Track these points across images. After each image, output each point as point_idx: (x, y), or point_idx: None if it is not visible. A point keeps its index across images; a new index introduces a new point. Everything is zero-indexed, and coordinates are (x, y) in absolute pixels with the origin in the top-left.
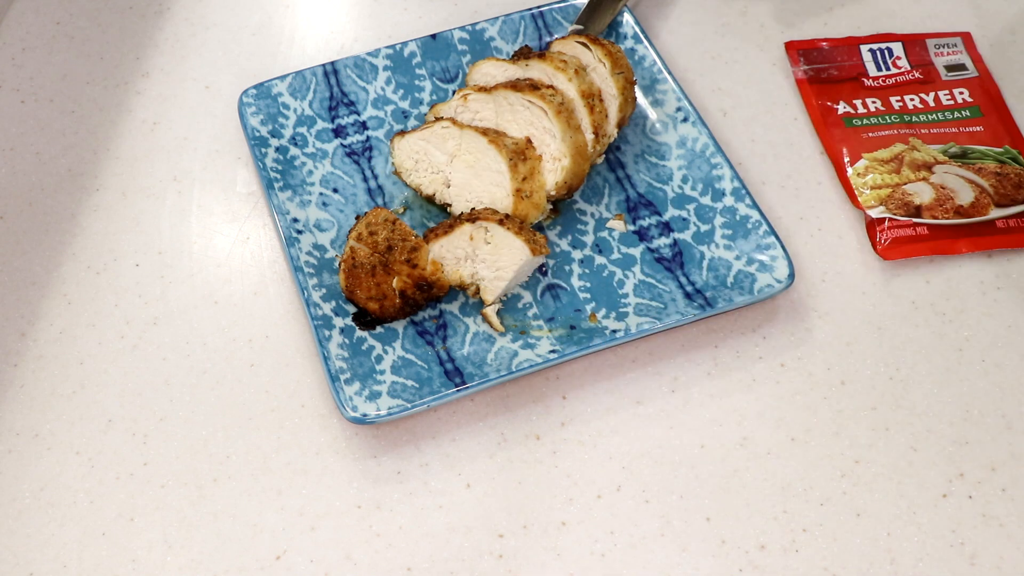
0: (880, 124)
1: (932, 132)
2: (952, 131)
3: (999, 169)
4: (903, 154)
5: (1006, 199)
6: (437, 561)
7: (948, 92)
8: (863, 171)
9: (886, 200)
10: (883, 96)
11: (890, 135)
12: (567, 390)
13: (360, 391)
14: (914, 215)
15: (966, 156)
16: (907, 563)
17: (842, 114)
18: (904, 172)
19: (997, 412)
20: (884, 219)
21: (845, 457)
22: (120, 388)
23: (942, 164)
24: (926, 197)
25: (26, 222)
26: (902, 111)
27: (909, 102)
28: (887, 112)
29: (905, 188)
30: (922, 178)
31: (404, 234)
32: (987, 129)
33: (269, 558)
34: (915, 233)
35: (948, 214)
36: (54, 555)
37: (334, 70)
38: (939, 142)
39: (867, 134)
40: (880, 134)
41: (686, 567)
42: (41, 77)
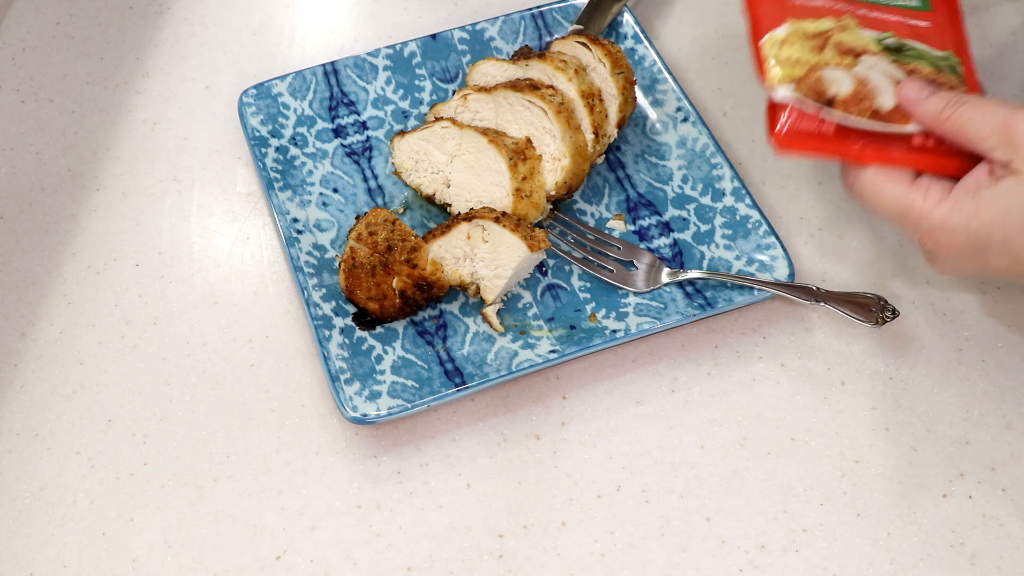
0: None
1: (871, 15)
2: (895, 19)
3: (934, 76)
4: (831, 32)
5: None
6: (437, 561)
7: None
8: (782, 39)
9: (798, 81)
10: None
11: (823, 6)
12: (567, 390)
13: (360, 391)
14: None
15: (902, 52)
16: (907, 563)
17: None
18: (827, 53)
19: (997, 412)
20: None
21: (845, 457)
22: (120, 388)
23: (872, 55)
24: (844, 88)
25: (26, 222)
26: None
27: None
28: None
29: (823, 73)
30: (846, 65)
31: (404, 234)
32: (933, 27)
33: (269, 558)
34: (820, 128)
35: (863, 114)
36: (54, 555)
37: (334, 70)
38: (877, 28)
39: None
40: (812, 3)
41: (686, 567)
42: (41, 77)
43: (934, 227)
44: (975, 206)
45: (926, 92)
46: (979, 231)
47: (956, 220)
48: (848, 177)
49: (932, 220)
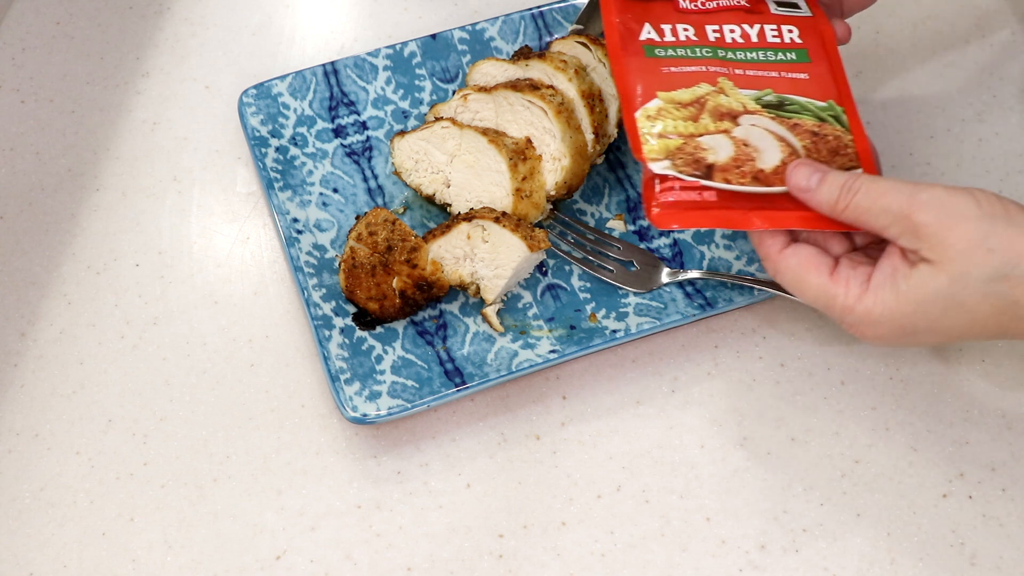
0: (687, 58)
1: (748, 74)
2: (772, 75)
3: (817, 128)
4: (706, 98)
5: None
6: (437, 561)
7: (776, 28)
8: (654, 114)
9: (674, 153)
10: (698, 23)
11: (696, 72)
12: (567, 390)
13: (360, 391)
14: (704, 175)
15: (782, 107)
16: (907, 563)
17: (644, 40)
18: (703, 120)
19: (997, 412)
20: (667, 176)
21: (845, 457)
22: (120, 388)
23: (751, 114)
24: (723, 155)
25: (26, 222)
26: (717, 44)
27: (728, 34)
28: (699, 43)
29: (700, 141)
30: (723, 130)
31: (404, 234)
32: (812, 78)
33: (269, 558)
34: (700, 198)
35: (744, 178)
36: (54, 555)
37: (334, 70)
38: (754, 87)
39: (668, 68)
40: (684, 70)
41: (686, 567)
42: (41, 77)
43: (859, 321)
44: (895, 297)
45: (815, 179)
46: (903, 321)
47: (879, 313)
48: (769, 265)
49: (856, 315)
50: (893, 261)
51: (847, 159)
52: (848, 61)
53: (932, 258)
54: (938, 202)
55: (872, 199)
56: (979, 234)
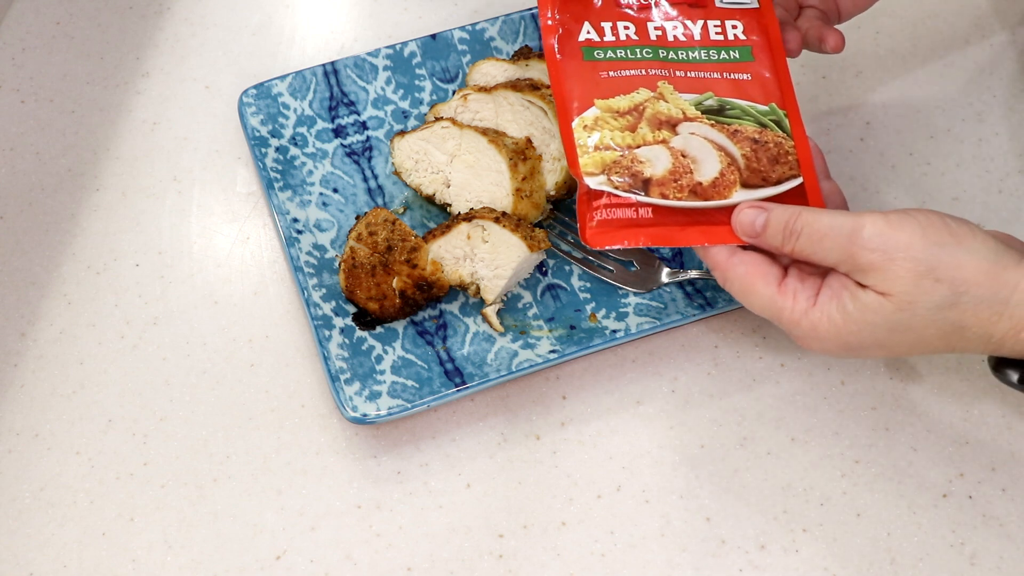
0: (627, 59)
1: (689, 76)
2: (713, 76)
3: (758, 134)
4: (645, 105)
5: (756, 176)
6: (437, 561)
7: (719, 24)
8: (591, 123)
9: (611, 167)
10: (640, 21)
11: (636, 76)
12: (567, 390)
13: (360, 391)
14: (641, 190)
15: (723, 112)
16: (907, 563)
17: (583, 42)
18: (641, 130)
19: (997, 412)
20: (602, 192)
21: (845, 457)
22: (120, 388)
23: (691, 121)
24: (660, 167)
25: (26, 222)
26: (659, 43)
27: (671, 30)
28: (640, 43)
29: (637, 153)
30: (661, 140)
31: (404, 234)
32: (755, 79)
33: (269, 558)
34: (636, 216)
35: (681, 192)
36: (54, 555)
37: (334, 70)
38: (695, 90)
39: (607, 72)
40: (624, 74)
41: (686, 567)
42: (41, 77)
43: (806, 335)
44: (842, 317)
45: (760, 223)
46: (849, 338)
47: (825, 329)
48: (717, 274)
49: (803, 328)
50: (841, 279)
51: (787, 167)
52: (848, 61)
53: (880, 290)
54: (881, 238)
55: (815, 242)
56: (925, 266)
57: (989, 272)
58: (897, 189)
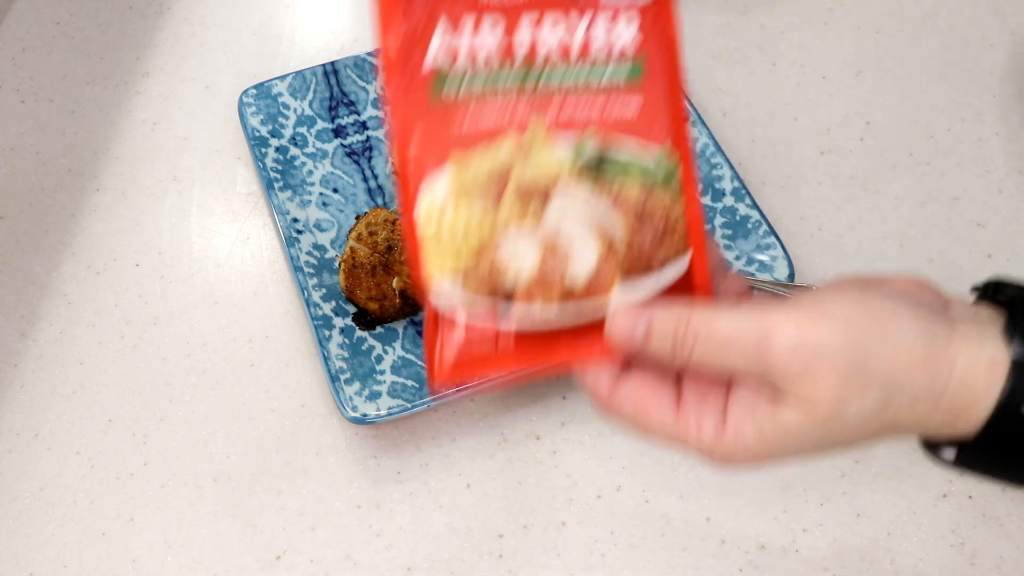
0: (491, 88)
1: (566, 112)
2: (596, 109)
3: (643, 200)
4: (512, 164)
5: (638, 264)
6: (437, 561)
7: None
8: (442, 207)
9: (467, 275)
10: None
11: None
12: (567, 390)
13: (360, 391)
14: (503, 308)
15: (602, 168)
16: (907, 563)
17: (429, 72)
18: (505, 206)
19: None
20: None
21: (845, 457)
22: (120, 388)
23: (565, 189)
24: (527, 265)
25: (26, 222)
26: (529, 59)
27: (544, 39)
28: (503, 62)
29: (498, 254)
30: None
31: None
32: (645, 109)
33: (269, 558)
34: (495, 346)
35: (551, 299)
36: (54, 555)
37: (334, 70)
38: (573, 127)
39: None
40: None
41: (686, 567)
42: (41, 77)
43: (719, 463)
44: (759, 440)
45: (641, 330)
46: (769, 458)
47: (742, 455)
48: (600, 408)
49: (714, 457)
50: (751, 395)
51: (675, 242)
52: (848, 61)
53: (799, 406)
54: (795, 344)
55: (714, 352)
56: (852, 370)
57: (923, 360)
58: (897, 189)
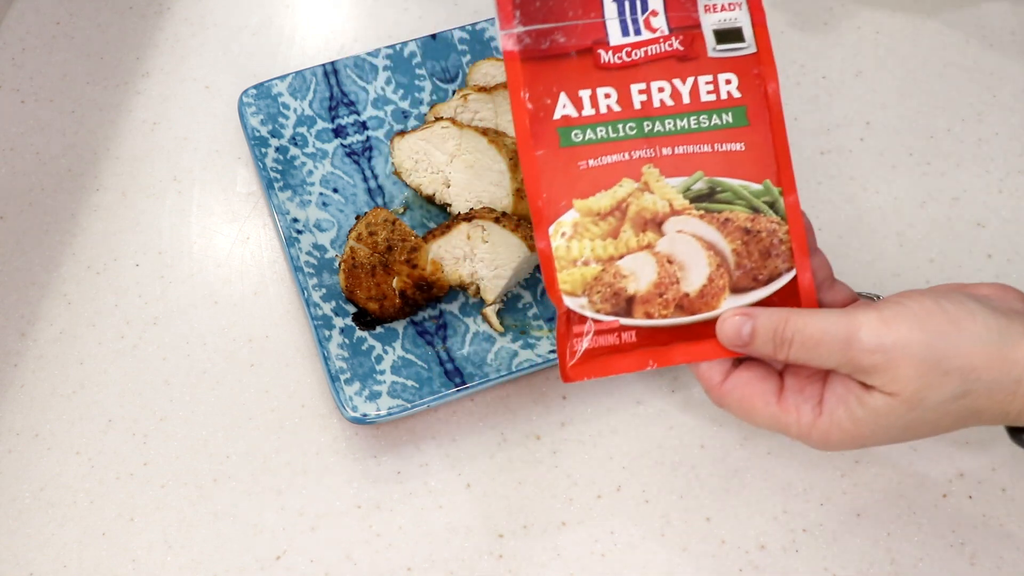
0: (608, 141)
1: (677, 152)
2: (703, 150)
3: (750, 223)
4: (629, 201)
5: (747, 278)
6: (437, 561)
7: (711, 80)
8: (570, 231)
9: (592, 285)
10: (623, 83)
11: (619, 162)
12: (567, 390)
13: (360, 391)
14: (624, 312)
15: (712, 197)
16: (907, 563)
17: (559, 121)
18: (624, 235)
19: None
20: (584, 319)
21: (845, 457)
22: (120, 388)
23: (678, 215)
24: (644, 281)
25: (26, 222)
26: (643, 112)
27: (657, 94)
28: (622, 117)
29: (620, 266)
30: (646, 245)
31: (404, 234)
32: (750, 149)
33: (269, 558)
34: (619, 341)
35: (667, 308)
36: (54, 555)
37: (334, 70)
38: (682, 171)
39: (587, 162)
40: (605, 161)
41: (686, 567)
42: (41, 77)
43: (817, 444)
44: (851, 423)
45: (747, 330)
46: (863, 440)
47: (837, 436)
48: (712, 397)
49: (813, 440)
50: (845, 383)
51: (780, 260)
52: (848, 61)
53: (887, 391)
54: (879, 339)
55: (810, 350)
56: (931, 362)
57: (996, 356)
58: (897, 189)
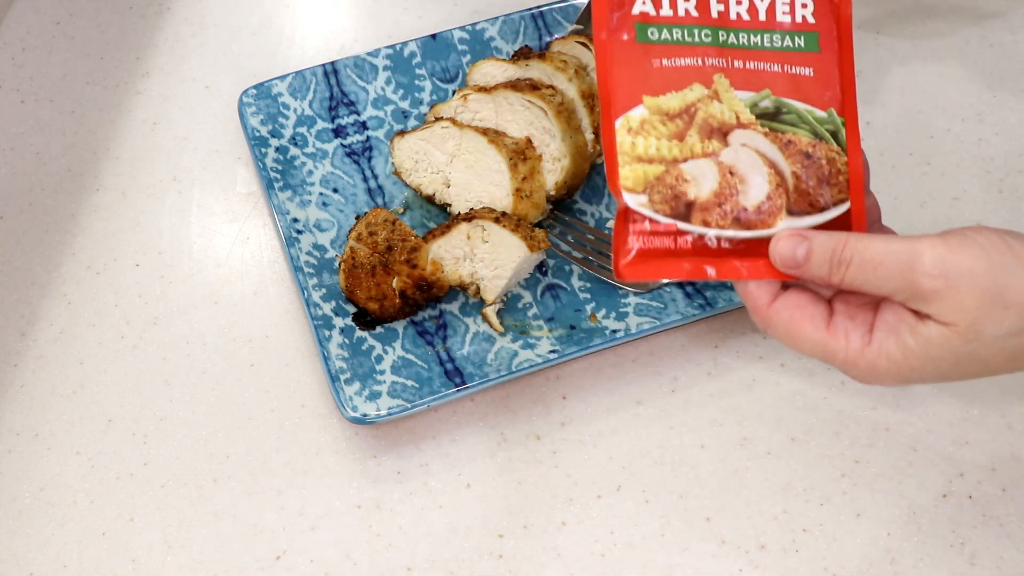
0: (683, 44)
1: (748, 67)
2: (774, 69)
3: (811, 148)
4: (698, 106)
5: (803, 201)
6: (437, 561)
7: (788, 1)
8: (637, 127)
9: (653, 185)
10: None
11: (691, 67)
12: (567, 390)
13: (360, 391)
14: (683, 216)
15: (778, 117)
16: (907, 563)
17: (637, 16)
18: (690, 139)
19: (997, 412)
20: (642, 217)
21: (845, 457)
22: (120, 388)
23: (744, 128)
24: (705, 188)
25: (26, 222)
26: (719, 22)
27: (735, 6)
28: (699, 22)
29: (683, 169)
30: (710, 152)
31: (404, 234)
32: (818, 75)
33: (269, 558)
34: (674, 245)
35: (724, 220)
36: (54, 555)
37: (334, 70)
38: (752, 86)
39: (660, 61)
40: (678, 63)
41: (686, 567)
42: (41, 77)
43: (862, 375)
44: (902, 353)
45: (801, 253)
46: (910, 374)
47: (884, 367)
48: (758, 318)
49: (859, 369)
50: (897, 312)
51: (837, 190)
52: None
53: (943, 320)
54: (942, 264)
55: (868, 273)
56: (992, 293)
57: None
58: (897, 189)
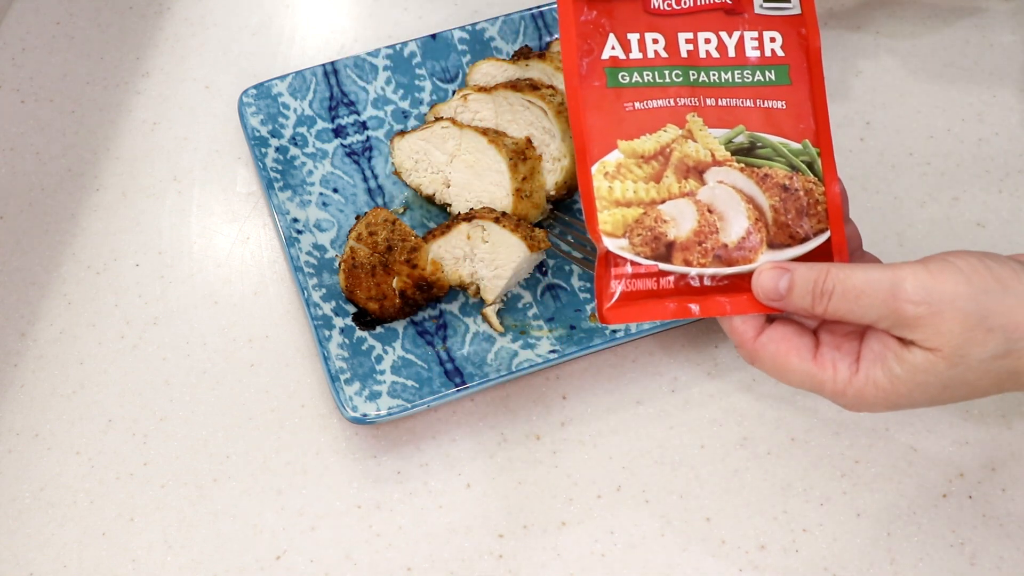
0: (654, 85)
1: (721, 104)
2: (746, 104)
3: (788, 180)
4: (672, 147)
5: (783, 235)
6: (437, 561)
7: (757, 36)
8: (613, 171)
9: (632, 228)
10: (671, 30)
11: (663, 108)
12: (567, 390)
13: (360, 391)
14: (664, 257)
15: (753, 152)
16: (907, 563)
17: (607, 61)
18: (666, 180)
19: (997, 412)
20: (623, 260)
21: (845, 457)
22: (120, 388)
23: (720, 166)
24: (684, 227)
25: (26, 222)
26: (689, 61)
27: (703, 45)
28: (668, 63)
29: (661, 210)
30: (688, 192)
31: (404, 234)
32: (790, 108)
33: (269, 558)
34: (656, 287)
35: (705, 257)
36: (54, 555)
37: (334, 70)
38: (725, 123)
39: (632, 104)
40: (652, 104)
41: (686, 567)
42: (41, 77)
43: (851, 404)
44: (889, 381)
45: (784, 284)
46: (898, 400)
47: (872, 395)
48: (744, 352)
49: (848, 398)
50: (882, 339)
51: (816, 220)
52: (848, 61)
53: (928, 346)
54: (925, 291)
55: (851, 302)
56: (975, 317)
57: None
58: (897, 189)
